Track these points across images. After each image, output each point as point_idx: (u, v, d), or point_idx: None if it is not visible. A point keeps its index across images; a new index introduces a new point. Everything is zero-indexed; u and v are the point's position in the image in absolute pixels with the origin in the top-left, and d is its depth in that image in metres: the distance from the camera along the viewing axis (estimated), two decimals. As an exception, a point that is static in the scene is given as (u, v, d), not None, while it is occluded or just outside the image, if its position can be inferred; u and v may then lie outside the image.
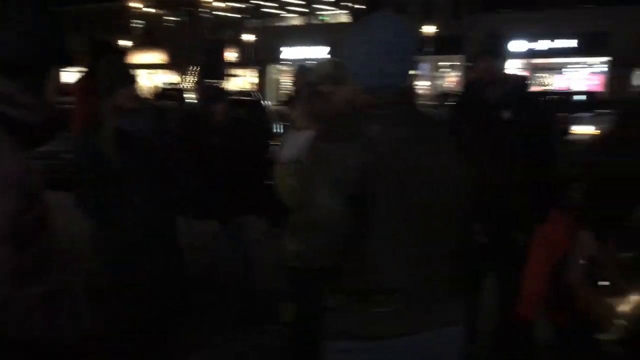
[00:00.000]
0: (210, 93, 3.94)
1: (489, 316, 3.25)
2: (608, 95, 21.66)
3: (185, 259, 3.24)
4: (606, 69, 27.85)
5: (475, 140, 3.03)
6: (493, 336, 3.25)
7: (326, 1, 37.23)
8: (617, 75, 26.82)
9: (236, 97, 23.38)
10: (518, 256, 2.86)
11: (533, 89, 26.97)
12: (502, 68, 3.12)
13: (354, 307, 1.58)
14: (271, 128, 7.33)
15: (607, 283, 1.97)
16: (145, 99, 3.14)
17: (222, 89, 4.22)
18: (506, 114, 3.00)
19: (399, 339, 1.56)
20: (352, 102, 2.59)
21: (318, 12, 38.25)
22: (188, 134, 3.66)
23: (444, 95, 24.07)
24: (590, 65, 28.34)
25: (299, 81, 4.29)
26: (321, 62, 2.85)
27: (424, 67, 33.31)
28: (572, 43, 27.59)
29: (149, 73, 43.62)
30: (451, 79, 33.46)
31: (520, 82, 3.16)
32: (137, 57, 42.95)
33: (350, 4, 35.94)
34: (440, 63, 33.88)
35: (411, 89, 1.73)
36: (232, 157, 3.54)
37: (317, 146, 1.64)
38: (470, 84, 3.41)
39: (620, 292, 1.92)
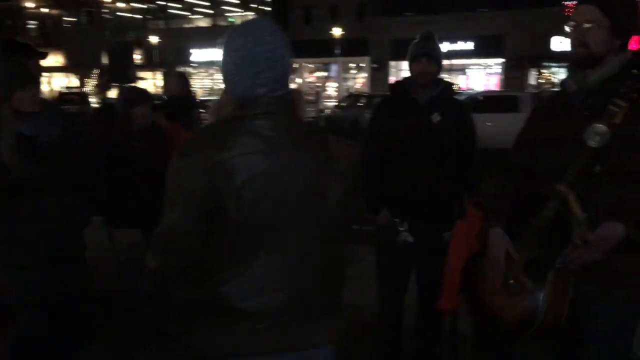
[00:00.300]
0: (132, 95, 3.79)
1: (413, 312, 3.30)
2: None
3: (89, 272, 3.08)
4: (500, 70, 29.54)
5: (402, 141, 3.05)
6: (416, 331, 3.31)
7: (233, 3, 36.90)
8: (510, 76, 28.54)
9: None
10: (443, 253, 2.97)
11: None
12: (438, 72, 3.16)
13: (209, 327, 1.54)
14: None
15: (512, 282, 1.99)
16: (49, 102, 2.92)
17: (145, 91, 4.02)
18: (436, 117, 3.06)
19: (254, 358, 1.53)
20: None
21: (226, 14, 37.82)
22: (101, 138, 3.48)
23: (354, 96, 24.55)
24: (488, 67, 29.93)
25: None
26: None
27: (333, 68, 33.84)
28: (470, 45, 29.02)
29: (46, 76, 41.36)
30: (359, 80, 34.19)
31: (448, 86, 3.24)
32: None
33: (257, 6, 35.83)
34: (349, 65, 34.50)
35: (284, 98, 1.62)
36: (153, 162, 3.37)
37: (172, 160, 1.57)
38: (396, 84, 3.41)
39: (526, 291, 1.94)
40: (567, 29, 2.03)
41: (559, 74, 28.87)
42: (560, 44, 27.36)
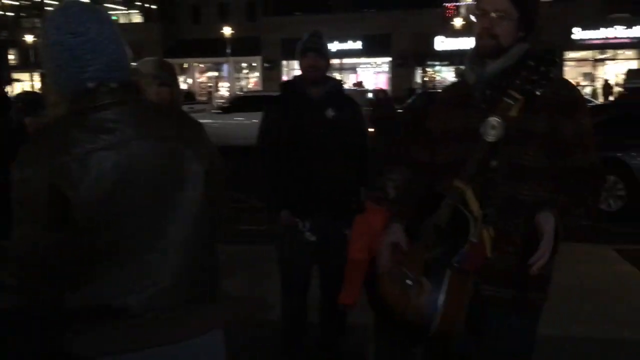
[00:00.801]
0: (27, 103, 3.44)
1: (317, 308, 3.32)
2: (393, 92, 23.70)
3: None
4: (388, 69, 30.62)
5: (298, 137, 3.02)
6: (320, 325, 3.33)
7: (116, 0, 35.30)
8: (397, 74, 29.66)
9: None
10: (344, 248, 2.96)
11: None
12: (327, 67, 3.16)
13: (88, 329, 1.46)
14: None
15: (410, 282, 1.88)
16: None
17: (40, 96, 3.64)
18: (330, 113, 3.08)
19: (135, 353, 1.46)
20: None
21: (109, 12, 36.08)
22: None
23: (242, 98, 24.37)
24: (377, 65, 30.89)
25: None
26: (143, 62, 2.66)
27: (225, 68, 33.39)
28: (359, 45, 29.80)
29: None
30: (252, 80, 34.00)
31: (337, 82, 3.29)
32: None
33: (141, 3, 34.54)
34: (242, 64, 34.19)
35: (125, 85, 1.50)
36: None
37: (11, 171, 1.41)
38: (288, 82, 3.38)
39: (425, 291, 1.85)
40: (472, 18, 1.97)
41: (442, 72, 30.41)
42: (442, 43, 28.83)
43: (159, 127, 1.51)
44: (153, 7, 34.00)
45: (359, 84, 23.49)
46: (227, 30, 29.96)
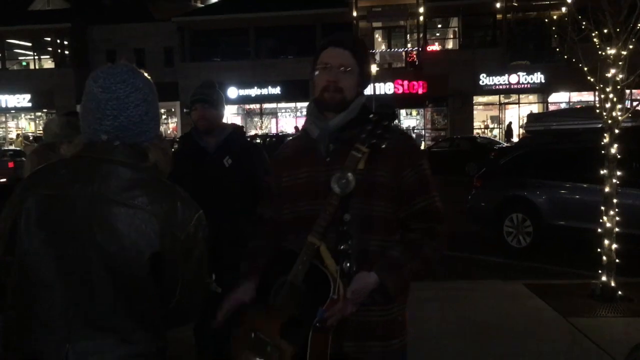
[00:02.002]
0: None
1: None
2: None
3: None
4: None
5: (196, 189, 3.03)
6: None
7: (25, 45, 34.04)
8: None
9: None
10: None
11: (250, 132, 28.85)
12: (219, 116, 3.14)
13: None
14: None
15: (269, 348, 1.80)
16: None
17: None
18: (228, 161, 3.05)
19: None
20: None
21: (19, 58, 34.75)
22: None
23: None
24: (297, 109, 31.33)
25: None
26: (48, 122, 2.70)
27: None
28: (278, 90, 30.19)
29: None
30: (171, 125, 33.50)
31: (237, 129, 3.28)
32: None
33: (52, 49, 33.50)
34: (161, 110, 33.64)
35: (127, 146, 1.54)
36: None
37: None
38: (184, 136, 3.38)
39: (287, 356, 1.76)
40: (315, 72, 1.98)
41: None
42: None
43: (127, 194, 1.47)
44: (65, 52, 33.05)
45: (296, 129, 23.71)
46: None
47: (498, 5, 28.21)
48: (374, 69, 28.33)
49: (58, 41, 32.96)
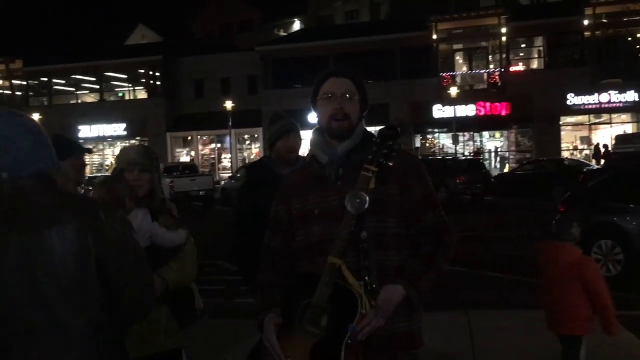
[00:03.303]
0: None
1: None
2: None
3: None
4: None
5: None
6: None
7: (121, 78, 36.38)
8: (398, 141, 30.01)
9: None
10: None
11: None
12: (299, 146, 3.17)
13: None
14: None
15: None
16: None
17: None
18: None
19: None
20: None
21: (116, 90, 37.14)
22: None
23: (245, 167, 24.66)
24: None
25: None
26: (126, 148, 2.79)
27: (227, 140, 33.98)
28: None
29: None
30: (254, 151, 34.49)
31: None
32: None
33: (145, 80, 35.56)
34: (244, 136, 34.78)
35: (24, 179, 1.61)
36: None
37: None
38: (260, 162, 3.43)
39: None
40: (321, 101, 2.11)
41: (440, 139, 30.86)
42: (439, 111, 29.43)
43: (44, 220, 1.56)
44: (157, 83, 35.00)
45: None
46: (228, 104, 30.70)
47: (586, 22, 27.17)
48: (454, 91, 28.03)
49: (150, 73, 34.97)
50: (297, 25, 44.75)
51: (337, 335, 1.83)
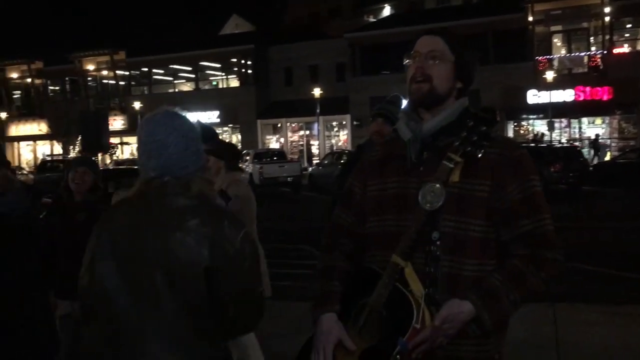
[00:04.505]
0: (70, 162, 3.84)
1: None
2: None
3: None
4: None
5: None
6: None
7: (215, 67, 37.68)
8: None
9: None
10: None
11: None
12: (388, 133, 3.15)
13: None
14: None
15: None
16: (16, 182, 2.96)
17: (84, 158, 4.02)
18: None
19: None
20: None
21: (210, 78, 38.55)
22: (57, 211, 3.54)
23: (336, 153, 24.90)
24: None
25: None
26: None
27: (315, 127, 34.40)
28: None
29: (30, 144, 41.53)
30: (342, 138, 34.70)
31: None
32: (16, 129, 40.84)
33: (237, 69, 36.62)
34: (332, 123, 35.05)
35: (155, 181, 1.74)
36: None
37: None
38: (362, 145, 3.51)
39: None
40: (406, 62, 1.77)
41: (535, 126, 29.58)
42: (534, 97, 28.19)
43: (158, 217, 1.70)
44: (249, 71, 35.95)
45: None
46: (317, 91, 31.02)
47: (702, -2, 25.00)
48: (550, 75, 26.73)
49: (242, 61, 35.96)
50: (387, 11, 44.27)
51: (389, 345, 1.60)
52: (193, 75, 37.87)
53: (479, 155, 1.63)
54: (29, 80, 40.43)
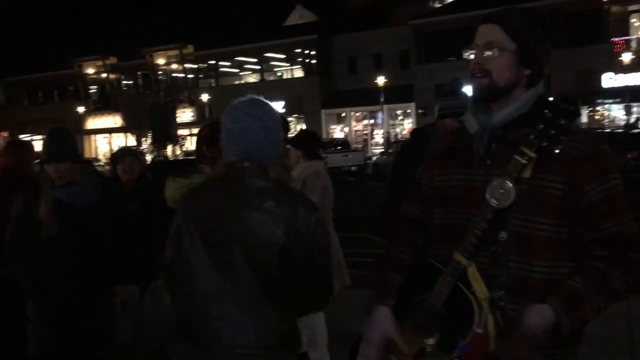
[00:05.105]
0: (117, 154, 3.98)
1: None
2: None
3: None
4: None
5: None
6: None
7: (280, 58, 38.09)
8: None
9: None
10: None
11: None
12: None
13: None
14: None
15: None
16: (89, 173, 3.12)
17: (129, 148, 4.12)
18: None
19: None
20: None
21: (274, 69, 39.02)
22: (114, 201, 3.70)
23: (398, 142, 24.70)
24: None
25: None
26: None
27: (379, 116, 34.20)
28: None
29: (106, 137, 43.46)
30: (406, 126, 34.34)
31: None
32: (93, 122, 42.83)
33: (302, 59, 36.84)
34: (396, 112, 34.76)
35: (236, 165, 1.88)
36: (148, 222, 3.50)
37: None
38: (421, 129, 3.45)
39: None
40: (467, 54, 1.68)
41: (612, 111, 28.24)
42: (610, 80, 26.89)
43: (244, 200, 1.86)
44: (313, 62, 36.11)
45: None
46: (381, 80, 30.79)
47: None
48: (627, 57, 25.39)
49: (306, 52, 36.15)
50: (452, -4, 43.28)
51: (446, 347, 1.54)
52: (258, 67, 38.43)
53: (556, 151, 1.51)
54: (104, 75, 42.24)
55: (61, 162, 2.92)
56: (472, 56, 1.67)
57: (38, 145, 4.67)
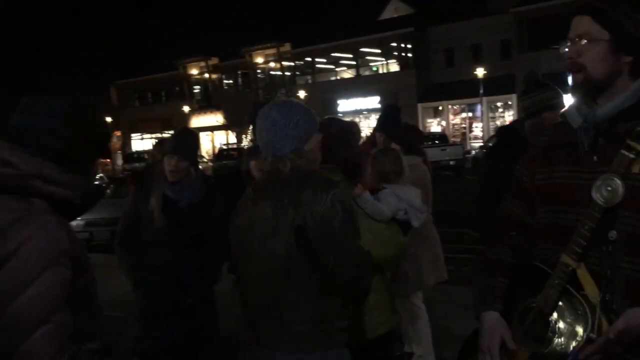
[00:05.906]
0: (251, 149, 4.14)
1: None
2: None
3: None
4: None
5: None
6: None
7: (375, 52, 37.99)
8: None
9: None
10: None
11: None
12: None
13: None
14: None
15: None
16: (197, 173, 3.28)
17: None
18: None
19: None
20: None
21: (370, 64, 39.01)
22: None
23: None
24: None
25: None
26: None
27: (478, 108, 33.21)
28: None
29: (208, 135, 45.44)
30: (507, 119, 33.10)
31: None
32: (197, 120, 44.92)
33: (397, 53, 36.53)
34: (497, 104, 33.63)
35: (277, 161, 2.02)
36: None
37: None
38: (510, 127, 3.39)
39: None
40: (562, 50, 1.61)
41: None
42: None
43: (278, 195, 1.99)
44: (409, 55, 35.69)
45: None
46: (480, 71, 29.88)
47: None
48: None
49: (402, 45, 35.77)
50: (556, -20, 41.10)
51: (559, 353, 1.50)
52: (354, 62, 38.53)
53: None
54: (206, 75, 44.14)
55: (182, 160, 3.12)
56: (566, 50, 1.61)
57: (148, 143, 4.97)
